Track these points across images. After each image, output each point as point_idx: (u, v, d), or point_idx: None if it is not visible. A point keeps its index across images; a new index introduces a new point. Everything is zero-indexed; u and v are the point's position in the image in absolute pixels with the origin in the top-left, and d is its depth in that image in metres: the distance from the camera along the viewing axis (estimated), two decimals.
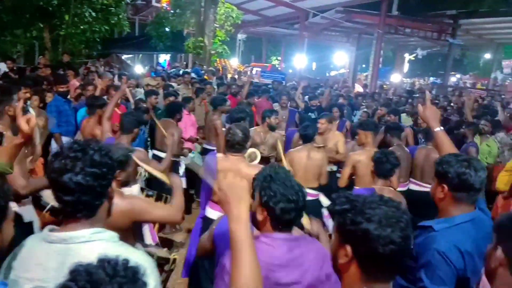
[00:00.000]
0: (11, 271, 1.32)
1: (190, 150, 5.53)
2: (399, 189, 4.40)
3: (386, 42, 20.15)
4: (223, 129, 4.94)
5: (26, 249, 1.35)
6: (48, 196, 2.97)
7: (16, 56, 12.13)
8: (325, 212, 4.37)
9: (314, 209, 4.27)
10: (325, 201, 4.36)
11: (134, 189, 3.37)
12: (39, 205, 2.72)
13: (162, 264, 2.74)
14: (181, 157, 5.24)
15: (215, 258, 2.08)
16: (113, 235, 1.39)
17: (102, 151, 1.37)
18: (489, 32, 20.09)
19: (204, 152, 5.32)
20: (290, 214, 1.69)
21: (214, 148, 5.15)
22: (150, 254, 2.54)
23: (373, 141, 4.38)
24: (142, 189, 3.60)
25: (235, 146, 3.14)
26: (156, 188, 3.58)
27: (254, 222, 1.78)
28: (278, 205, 1.66)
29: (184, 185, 5.02)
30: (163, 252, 2.88)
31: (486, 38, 21.59)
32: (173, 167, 4.83)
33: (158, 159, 4.79)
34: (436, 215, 2.00)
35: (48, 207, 2.69)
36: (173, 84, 8.65)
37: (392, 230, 1.09)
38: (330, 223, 4.36)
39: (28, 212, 2.69)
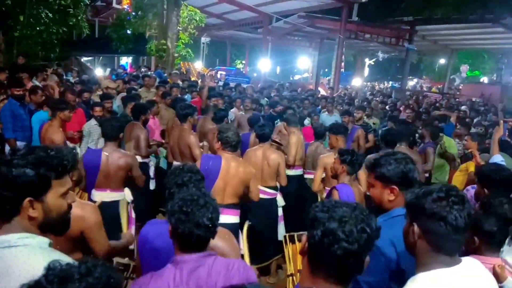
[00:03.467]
0: None
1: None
2: None
3: (347, 47, 20.68)
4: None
5: None
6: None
7: None
8: (280, 212, 4.39)
9: (270, 208, 4.31)
10: (281, 201, 4.38)
11: (126, 193, 3.75)
12: None
13: (121, 270, 2.69)
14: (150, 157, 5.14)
15: None
16: (43, 241, 1.33)
17: (17, 166, 1.31)
18: (443, 38, 21.06)
19: None
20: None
21: None
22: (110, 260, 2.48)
23: (343, 144, 4.46)
24: None
25: (233, 146, 3.48)
26: None
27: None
28: None
29: (153, 187, 4.92)
30: (123, 260, 2.82)
31: (441, 44, 22.62)
32: (143, 169, 4.72)
33: None
34: None
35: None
36: (134, 86, 8.47)
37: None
38: (281, 226, 4.39)
39: None
